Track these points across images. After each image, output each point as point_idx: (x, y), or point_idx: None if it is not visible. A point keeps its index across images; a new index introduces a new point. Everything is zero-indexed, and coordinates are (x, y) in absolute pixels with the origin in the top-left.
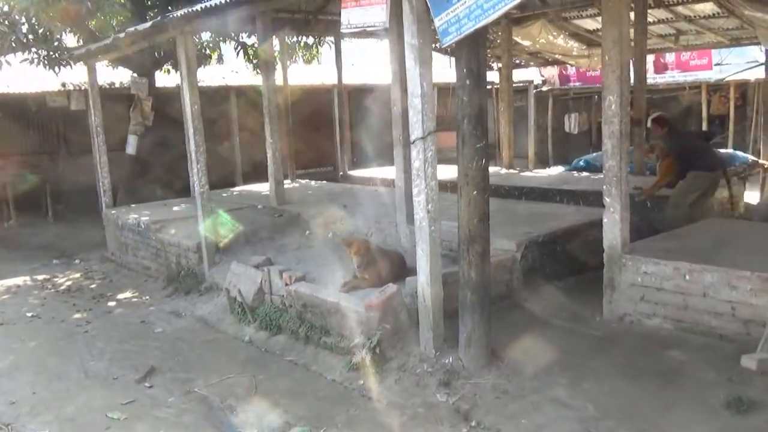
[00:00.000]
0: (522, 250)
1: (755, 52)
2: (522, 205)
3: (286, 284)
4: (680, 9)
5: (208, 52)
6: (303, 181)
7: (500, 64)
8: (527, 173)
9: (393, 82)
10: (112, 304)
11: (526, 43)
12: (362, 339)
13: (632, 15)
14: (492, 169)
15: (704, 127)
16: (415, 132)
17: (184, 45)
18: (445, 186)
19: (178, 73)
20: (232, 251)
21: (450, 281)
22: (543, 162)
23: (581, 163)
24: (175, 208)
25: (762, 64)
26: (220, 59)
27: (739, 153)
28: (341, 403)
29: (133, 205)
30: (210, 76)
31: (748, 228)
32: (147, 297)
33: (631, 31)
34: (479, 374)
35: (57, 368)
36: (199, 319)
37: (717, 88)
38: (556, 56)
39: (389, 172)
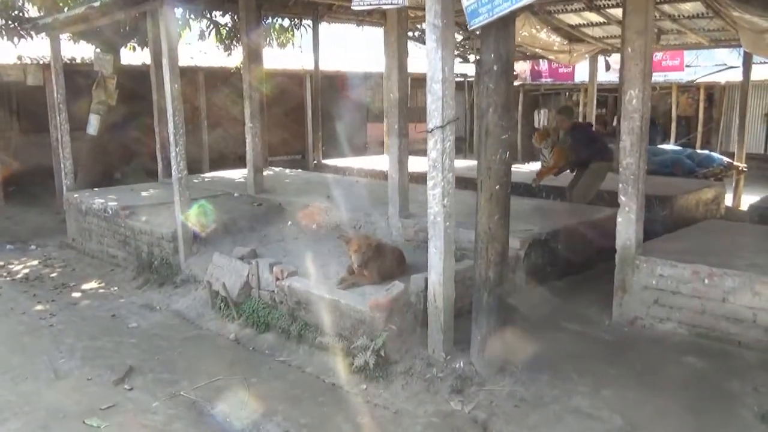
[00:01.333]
0: (526, 248)
1: (723, 55)
2: (513, 200)
3: (277, 279)
4: (666, 7)
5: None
6: (277, 169)
7: (476, 56)
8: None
9: (389, 68)
10: (76, 294)
11: None
12: (365, 340)
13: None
14: (467, 162)
15: (673, 127)
16: (434, 120)
17: (165, 18)
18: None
19: (146, 50)
20: (210, 241)
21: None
22: (511, 157)
23: None
24: (144, 194)
25: (731, 67)
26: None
27: (715, 155)
28: (345, 410)
29: (97, 189)
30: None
31: (754, 231)
32: (115, 288)
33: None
34: (493, 380)
35: (23, 367)
36: (176, 314)
37: (686, 89)
38: (537, 50)
39: (365, 161)
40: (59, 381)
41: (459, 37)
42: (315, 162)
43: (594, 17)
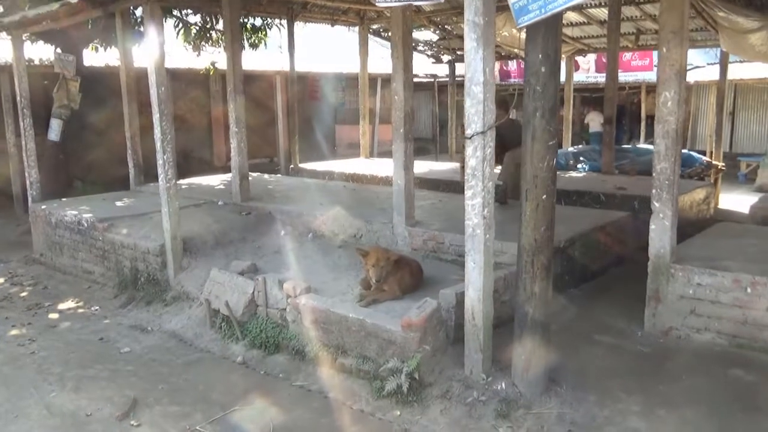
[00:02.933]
0: None
1: (691, 56)
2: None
3: (289, 296)
4: (648, 7)
5: (142, 29)
6: (255, 174)
7: (450, 57)
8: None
9: (395, 69)
10: (54, 316)
11: None
12: (396, 362)
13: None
14: (447, 164)
15: (643, 126)
16: (474, 126)
17: (151, 14)
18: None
19: (110, 50)
20: (201, 254)
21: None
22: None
23: None
24: (119, 204)
25: (697, 67)
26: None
27: (695, 154)
28: None
29: (65, 200)
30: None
31: None
32: (96, 307)
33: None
34: (540, 402)
35: (9, 403)
36: (172, 335)
37: (653, 89)
38: (515, 50)
39: (346, 165)
40: (54, 418)
41: (435, 37)
42: (292, 166)
43: (575, 17)
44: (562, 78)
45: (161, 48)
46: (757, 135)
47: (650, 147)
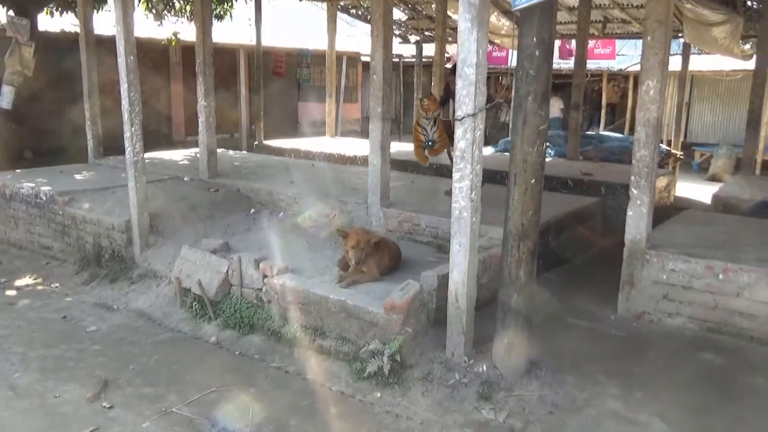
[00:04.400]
0: None
1: None
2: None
3: (265, 276)
4: None
5: None
6: (220, 150)
7: (418, 37)
8: None
9: (374, 47)
10: (11, 293)
11: (456, 17)
12: (377, 344)
13: None
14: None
15: (602, 114)
16: (465, 107)
17: None
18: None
19: (66, 15)
20: (169, 231)
21: None
22: None
23: None
24: (79, 177)
25: None
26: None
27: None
28: (367, 423)
29: (20, 171)
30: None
31: (736, 222)
32: (56, 284)
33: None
34: (521, 384)
35: None
36: (140, 314)
37: (612, 77)
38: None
39: (313, 143)
40: (21, 400)
41: (403, 17)
42: (256, 143)
43: None
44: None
45: (130, 14)
46: (710, 125)
47: (613, 134)
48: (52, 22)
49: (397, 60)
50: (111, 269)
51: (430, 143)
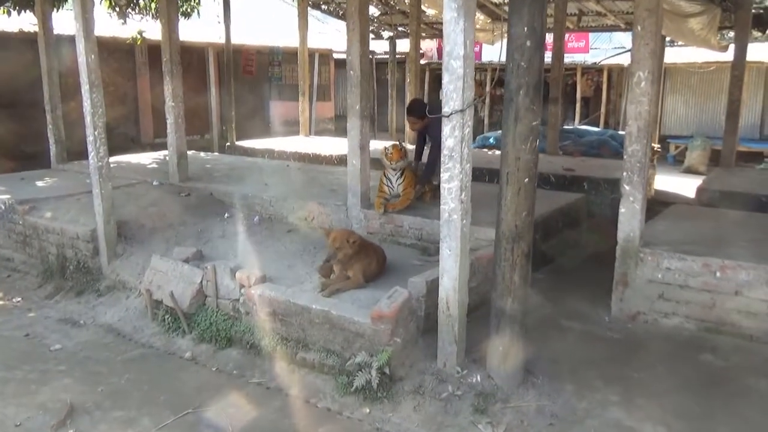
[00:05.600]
0: None
1: (621, 38)
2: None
3: (243, 286)
4: None
5: None
6: (190, 152)
7: (391, 33)
8: None
9: (350, 41)
10: None
11: (431, 12)
12: (364, 356)
13: None
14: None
15: (578, 108)
16: (452, 103)
17: None
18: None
19: (24, 14)
20: (138, 239)
21: None
22: None
23: (491, 140)
24: (40, 184)
25: (629, 50)
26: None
27: None
28: None
29: None
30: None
31: (724, 216)
32: (18, 299)
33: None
34: (517, 395)
35: None
36: (108, 329)
37: (586, 71)
38: None
39: (287, 143)
40: None
41: (376, 12)
42: (228, 144)
43: None
44: (491, 57)
45: (90, 10)
46: (684, 118)
47: (591, 128)
48: (9, 21)
49: (370, 57)
50: (76, 281)
51: (393, 195)
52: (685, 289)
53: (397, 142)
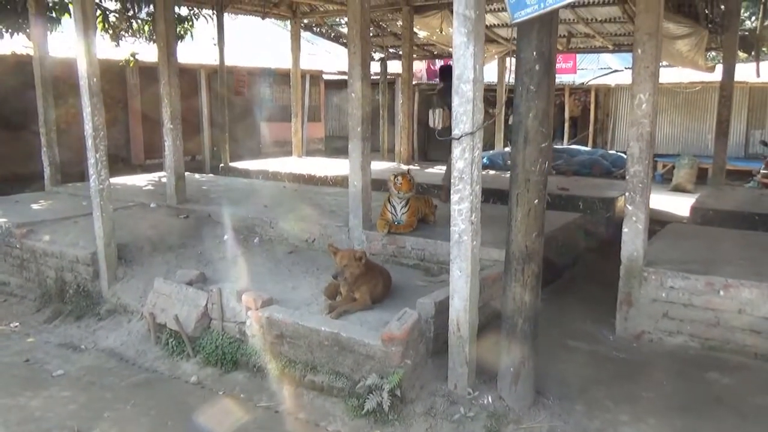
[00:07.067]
0: None
1: (608, 59)
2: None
3: (249, 308)
4: (582, 11)
5: (55, 15)
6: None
7: (382, 55)
8: (433, 170)
9: (352, 67)
10: None
11: (422, 33)
12: (374, 378)
13: None
14: (382, 163)
15: (567, 127)
16: (462, 125)
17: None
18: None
19: (16, 36)
20: (138, 262)
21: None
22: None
23: (485, 161)
24: (36, 207)
25: (616, 70)
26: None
27: (624, 155)
28: None
29: None
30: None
31: (721, 235)
32: (16, 324)
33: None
34: (529, 416)
35: None
36: (110, 354)
37: (573, 91)
38: (450, 50)
39: (282, 164)
40: None
41: None
42: (222, 165)
43: (508, 17)
44: (494, 79)
45: (92, 33)
46: (669, 136)
47: (582, 148)
48: (2, 44)
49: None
50: (76, 305)
51: (396, 222)
52: (689, 308)
53: (407, 172)
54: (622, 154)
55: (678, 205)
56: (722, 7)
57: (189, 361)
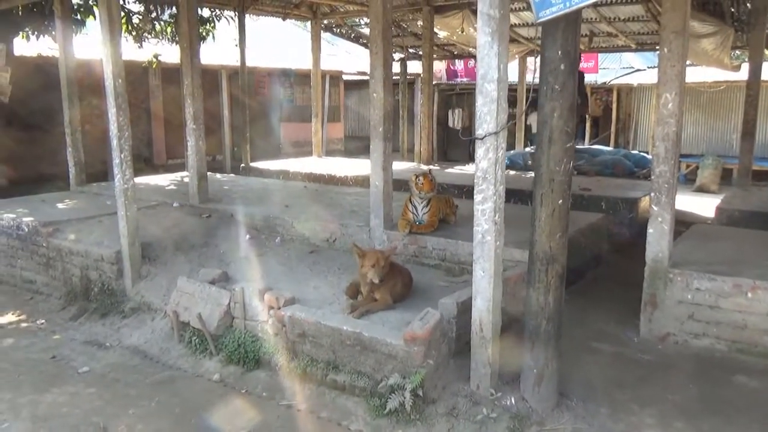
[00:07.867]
0: None
1: (630, 58)
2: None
3: (272, 308)
4: (605, 9)
5: (80, 17)
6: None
7: (402, 55)
8: (452, 170)
9: (373, 65)
10: None
11: (443, 33)
12: (397, 378)
13: None
14: (402, 163)
15: (588, 127)
16: (486, 125)
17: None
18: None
19: (43, 39)
20: (161, 261)
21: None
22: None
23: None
24: (61, 206)
25: (638, 70)
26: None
27: (647, 155)
28: None
29: None
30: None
31: (747, 236)
32: (42, 321)
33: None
34: (552, 418)
35: None
36: (134, 351)
37: (594, 90)
38: (470, 49)
39: (303, 164)
40: None
41: None
42: (243, 165)
43: (530, 17)
44: (516, 78)
45: (117, 35)
46: (693, 136)
47: (604, 148)
48: (28, 46)
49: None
50: (101, 303)
51: (417, 222)
52: (715, 310)
53: (429, 172)
54: (645, 154)
55: (702, 205)
56: (748, 5)
57: (212, 359)
